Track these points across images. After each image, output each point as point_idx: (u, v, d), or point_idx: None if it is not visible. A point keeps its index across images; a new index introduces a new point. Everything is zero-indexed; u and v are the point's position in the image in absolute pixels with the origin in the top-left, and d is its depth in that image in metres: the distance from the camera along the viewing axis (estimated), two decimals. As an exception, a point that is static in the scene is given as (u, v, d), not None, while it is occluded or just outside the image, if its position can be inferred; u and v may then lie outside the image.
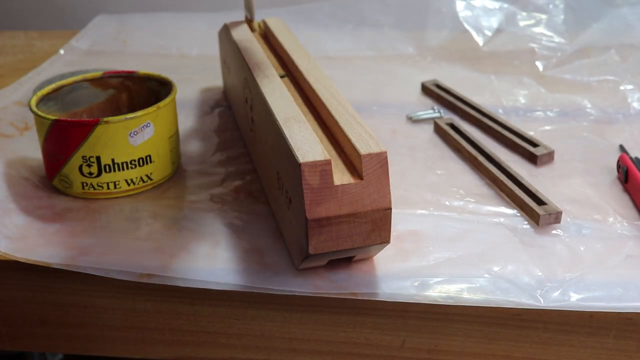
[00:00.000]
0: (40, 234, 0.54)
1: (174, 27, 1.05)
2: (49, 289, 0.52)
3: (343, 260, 0.49)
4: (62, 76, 0.86)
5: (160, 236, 0.54)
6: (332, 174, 0.43)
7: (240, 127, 0.70)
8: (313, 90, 0.54)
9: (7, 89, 0.83)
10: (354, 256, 0.48)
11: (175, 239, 0.53)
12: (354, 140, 0.46)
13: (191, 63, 0.93)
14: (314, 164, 0.43)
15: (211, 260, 0.51)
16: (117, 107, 0.66)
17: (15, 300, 0.53)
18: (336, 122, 0.49)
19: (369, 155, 0.44)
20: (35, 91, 0.81)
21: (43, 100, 0.62)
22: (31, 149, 0.68)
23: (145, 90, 0.65)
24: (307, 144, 0.45)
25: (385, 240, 0.46)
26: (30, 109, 0.58)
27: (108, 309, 0.52)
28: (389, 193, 0.45)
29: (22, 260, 0.51)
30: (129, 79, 0.66)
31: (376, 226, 0.45)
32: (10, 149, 0.68)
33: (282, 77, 0.60)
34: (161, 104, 0.58)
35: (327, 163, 0.43)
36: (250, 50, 0.64)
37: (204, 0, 1.14)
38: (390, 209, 0.45)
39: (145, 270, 0.50)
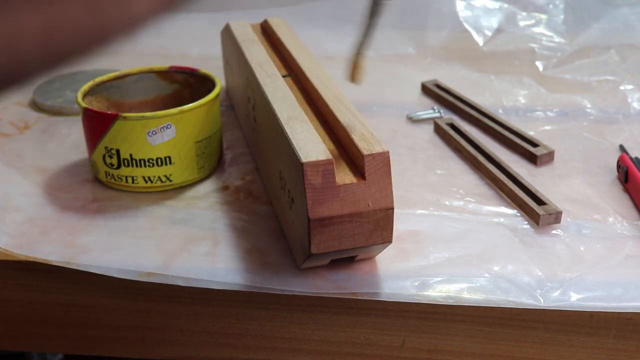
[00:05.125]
0: (40, 231, 0.54)
1: (174, 27, 1.05)
2: (49, 289, 0.52)
3: (344, 260, 0.49)
4: (62, 76, 0.86)
5: (161, 235, 0.54)
6: (334, 174, 0.43)
7: (242, 127, 0.70)
8: (315, 90, 0.54)
9: (7, 89, 0.83)
10: (356, 256, 0.48)
11: (176, 239, 0.53)
12: (356, 140, 0.46)
13: (191, 63, 0.93)
14: (317, 164, 0.43)
15: (211, 259, 0.51)
16: (180, 103, 0.65)
17: (15, 300, 0.53)
18: (338, 122, 0.49)
19: (372, 155, 0.44)
20: (35, 91, 0.81)
21: (104, 86, 0.64)
22: (31, 148, 0.68)
23: (205, 90, 0.64)
24: (309, 143, 0.45)
25: (387, 240, 0.46)
26: (77, 95, 0.60)
27: (108, 309, 0.52)
28: (392, 193, 0.45)
29: (22, 258, 0.51)
30: (192, 76, 0.67)
31: (378, 226, 0.45)
32: (10, 148, 0.68)
33: (284, 76, 0.60)
34: (185, 107, 0.57)
35: (330, 163, 0.43)
36: (253, 50, 0.64)
37: (204, 0, 1.14)
38: (393, 208, 0.45)
39: (145, 269, 0.50)
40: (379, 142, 0.45)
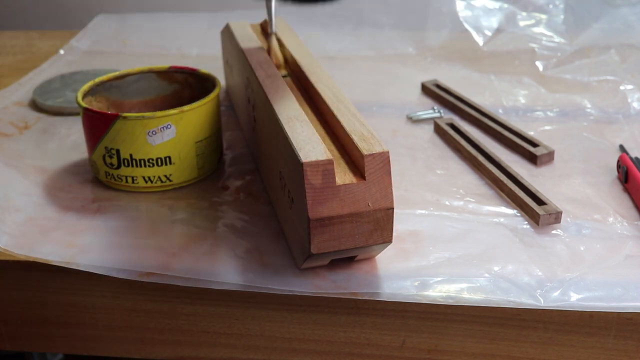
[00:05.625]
0: (40, 231, 0.54)
1: (174, 27, 1.05)
2: (49, 289, 0.52)
3: (344, 260, 0.49)
4: (63, 76, 0.86)
5: (161, 235, 0.54)
6: (334, 174, 0.43)
7: (242, 127, 0.70)
8: (315, 90, 0.54)
9: (7, 89, 0.83)
10: (356, 256, 0.48)
11: (176, 239, 0.53)
12: (356, 140, 0.46)
13: (191, 63, 0.93)
14: (316, 164, 0.43)
15: (211, 259, 0.51)
16: (180, 103, 0.66)
17: (15, 300, 0.53)
18: (339, 122, 0.49)
19: (372, 155, 0.44)
20: (35, 91, 0.81)
21: (104, 86, 0.64)
22: (31, 148, 0.68)
23: (205, 90, 0.64)
24: (309, 143, 0.45)
25: (387, 240, 0.46)
26: (77, 95, 0.60)
27: (108, 309, 0.52)
28: (392, 193, 0.45)
29: (22, 258, 0.51)
30: (192, 76, 0.67)
31: (378, 226, 0.45)
32: (10, 148, 0.68)
33: (284, 76, 0.60)
34: (185, 107, 0.57)
35: (330, 163, 0.43)
36: (253, 50, 0.64)
37: (204, 0, 1.14)
38: (393, 208, 0.45)
39: (145, 269, 0.50)
40: (379, 142, 0.45)
